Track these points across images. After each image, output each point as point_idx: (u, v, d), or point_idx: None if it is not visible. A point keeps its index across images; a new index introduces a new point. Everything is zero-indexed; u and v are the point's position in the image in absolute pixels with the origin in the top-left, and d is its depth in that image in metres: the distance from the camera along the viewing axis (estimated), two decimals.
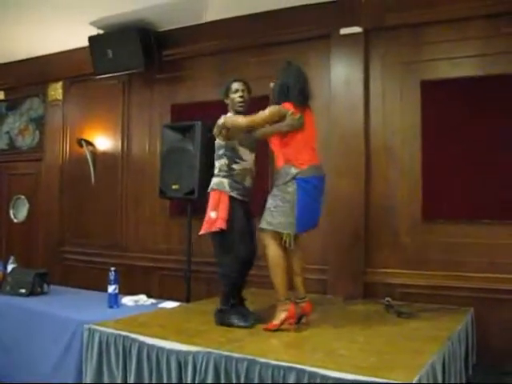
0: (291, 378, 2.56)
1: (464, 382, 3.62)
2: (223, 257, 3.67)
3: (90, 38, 5.84)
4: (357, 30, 4.83)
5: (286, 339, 3.20)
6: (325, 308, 4.19)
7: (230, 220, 3.58)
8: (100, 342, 3.31)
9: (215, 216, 3.59)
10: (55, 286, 5.14)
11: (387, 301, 4.18)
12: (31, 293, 4.74)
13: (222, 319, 3.57)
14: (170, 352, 2.98)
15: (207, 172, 5.09)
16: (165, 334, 3.22)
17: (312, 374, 2.51)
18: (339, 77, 4.90)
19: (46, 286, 4.91)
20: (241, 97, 3.85)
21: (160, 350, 3.02)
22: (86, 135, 6.52)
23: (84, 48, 5.97)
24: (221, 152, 3.76)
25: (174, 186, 5.16)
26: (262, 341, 3.11)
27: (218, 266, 3.73)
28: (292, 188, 3.42)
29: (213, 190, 3.71)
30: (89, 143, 6.46)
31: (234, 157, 3.73)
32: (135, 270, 5.94)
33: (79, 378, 3.57)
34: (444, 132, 4.53)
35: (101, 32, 5.85)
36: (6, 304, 4.58)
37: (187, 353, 2.91)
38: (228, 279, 3.65)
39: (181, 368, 2.92)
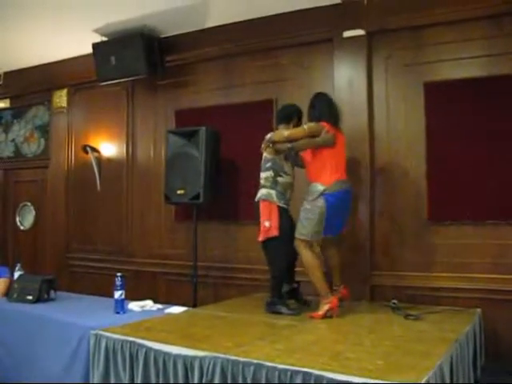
0: (298, 382, 2.54)
1: (472, 383, 3.60)
2: (274, 257, 4.19)
3: (94, 45, 5.87)
4: (360, 32, 4.83)
5: (292, 343, 3.19)
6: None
7: (281, 226, 4.11)
8: (107, 348, 3.31)
9: (269, 225, 4.11)
10: (62, 293, 5.15)
11: (394, 303, 4.17)
12: (38, 299, 4.75)
13: (273, 308, 4.10)
14: (176, 357, 2.97)
15: (212, 176, 5.15)
16: (171, 338, 3.22)
17: (318, 378, 2.50)
18: (342, 80, 4.90)
19: (52, 292, 4.92)
20: None
21: (167, 355, 3.02)
22: (90, 142, 6.55)
23: (88, 55, 6.00)
24: (268, 165, 4.21)
25: (179, 191, 5.19)
26: (268, 345, 3.10)
27: (270, 265, 4.23)
28: (320, 203, 3.93)
29: (262, 200, 4.18)
30: (94, 149, 6.48)
31: (279, 170, 4.20)
32: (141, 275, 5.95)
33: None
34: (449, 133, 4.52)
35: (104, 39, 5.88)
36: (14, 311, 4.59)
37: (194, 357, 2.90)
38: (278, 276, 4.19)
39: (187, 373, 2.91)
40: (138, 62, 5.66)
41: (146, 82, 6.02)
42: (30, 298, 4.74)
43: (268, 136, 4.16)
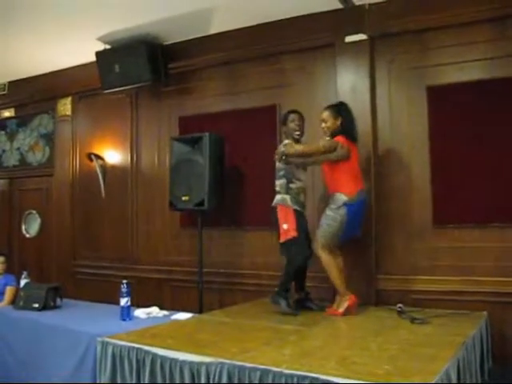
0: None
1: None
2: (292, 256, 4.37)
3: (97, 53, 5.89)
4: (362, 37, 4.84)
5: (298, 349, 3.19)
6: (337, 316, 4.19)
7: (298, 228, 4.34)
8: (113, 355, 3.31)
9: (287, 227, 4.35)
10: (68, 300, 5.17)
11: (399, 307, 4.17)
12: (44, 307, 4.77)
13: (274, 299, 4.35)
14: (183, 363, 2.97)
15: (216, 183, 5.16)
16: (178, 345, 3.22)
17: (325, 383, 2.50)
18: (346, 84, 4.90)
19: (58, 300, 4.94)
20: (297, 125, 4.54)
21: (173, 361, 3.02)
22: (95, 149, 6.57)
23: (91, 63, 6.02)
24: (281, 173, 4.46)
25: (183, 198, 5.20)
26: (275, 350, 3.10)
27: (287, 264, 4.42)
28: (343, 212, 4.17)
29: (278, 204, 4.43)
30: (98, 157, 6.50)
31: (291, 177, 4.43)
32: (147, 282, 5.95)
33: None
34: (452, 137, 4.52)
35: (108, 47, 5.90)
36: (20, 319, 4.61)
37: (200, 364, 2.91)
38: (292, 273, 4.40)
39: (194, 379, 2.91)
40: (141, 69, 5.68)
41: (149, 89, 6.04)
42: (36, 305, 4.76)
43: (281, 149, 4.34)
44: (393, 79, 4.83)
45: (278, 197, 4.46)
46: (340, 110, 4.37)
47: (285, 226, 4.36)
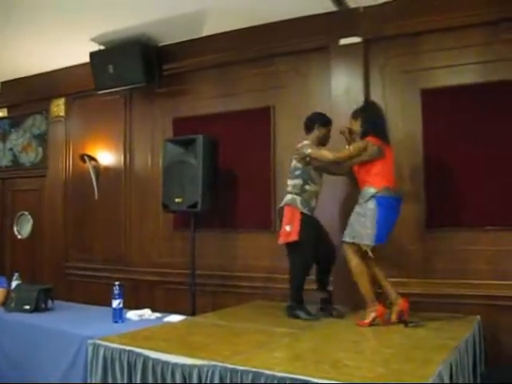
0: None
1: None
2: (293, 263, 4.26)
3: (91, 54, 5.87)
4: (356, 40, 4.84)
5: (290, 352, 3.18)
6: (330, 318, 4.20)
7: (301, 232, 4.16)
8: (105, 357, 3.29)
9: (290, 229, 4.18)
10: (60, 302, 5.12)
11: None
12: (36, 309, 4.73)
13: (292, 313, 4.19)
14: (174, 366, 2.96)
15: (210, 185, 5.14)
16: (170, 347, 3.21)
17: None
18: (339, 87, 4.91)
19: (50, 301, 4.90)
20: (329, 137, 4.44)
21: (165, 363, 3.00)
22: (88, 150, 6.54)
23: (85, 64, 6.00)
24: (297, 173, 4.29)
25: (177, 200, 5.18)
26: (267, 353, 3.09)
27: (289, 270, 4.29)
28: (372, 205, 3.93)
29: (286, 205, 4.26)
30: (92, 158, 6.48)
31: (307, 179, 4.27)
32: (140, 284, 5.93)
33: None
34: (445, 140, 4.53)
35: (102, 48, 5.88)
36: (11, 320, 4.57)
37: (192, 366, 2.89)
38: (294, 282, 4.24)
39: (186, 381, 2.90)
40: (135, 70, 5.66)
41: (143, 90, 6.02)
42: (28, 307, 4.72)
43: (307, 151, 4.18)
44: (387, 82, 4.83)
45: (288, 196, 4.29)
46: (360, 110, 4.25)
47: (288, 228, 4.19)
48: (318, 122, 4.38)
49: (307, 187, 4.25)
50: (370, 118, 4.15)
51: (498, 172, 4.32)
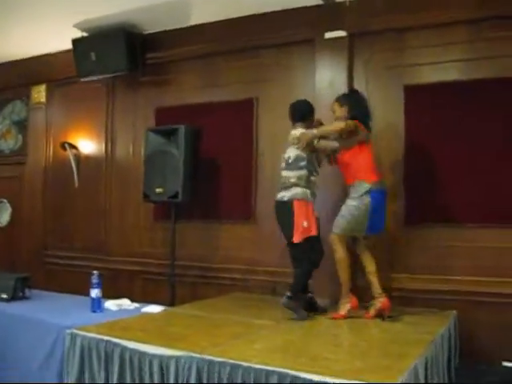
0: (273, 382, 2.54)
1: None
2: (302, 258, 4.07)
3: (74, 41, 5.80)
4: (341, 34, 4.84)
5: (269, 344, 3.19)
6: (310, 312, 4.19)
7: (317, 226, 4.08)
8: (82, 347, 3.27)
9: (307, 225, 4.00)
10: (38, 291, 5.09)
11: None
12: (13, 298, 4.69)
13: (289, 304, 3.95)
14: (152, 356, 2.95)
15: (191, 175, 5.13)
16: (147, 338, 3.19)
17: (295, 378, 2.50)
18: (324, 81, 4.91)
19: (27, 290, 4.86)
20: None
21: (142, 354, 2.99)
22: (69, 138, 6.48)
23: (68, 51, 5.93)
24: (302, 164, 4.06)
25: (157, 190, 5.16)
26: (246, 345, 3.09)
27: (299, 264, 4.10)
28: (367, 200, 3.95)
29: (297, 199, 4.02)
30: (72, 146, 6.41)
31: (312, 170, 4.12)
32: (119, 273, 5.90)
33: (62, 382, 3.53)
34: (427, 136, 4.56)
35: (85, 34, 5.81)
36: None
37: (170, 357, 2.89)
38: (304, 276, 4.10)
39: (163, 372, 2.89)
40: (118, 58, 5.61)
41: (126, 79, 5.97)
42: (5, 296, 4.68)
43: (313, 132, 4.05)
44: (370, 77, 4.84)
45: (297, 190, 4.03)
46: (346, 97, 4.23)
47: (305, 224, 3.98)
48: (312, 111, 4.27)
49: (312, 178, 4.12)
50: (358, 106, 4.16)
51: (479, 169, 4.35)
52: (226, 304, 4.58)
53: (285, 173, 4.11)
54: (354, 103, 4.16)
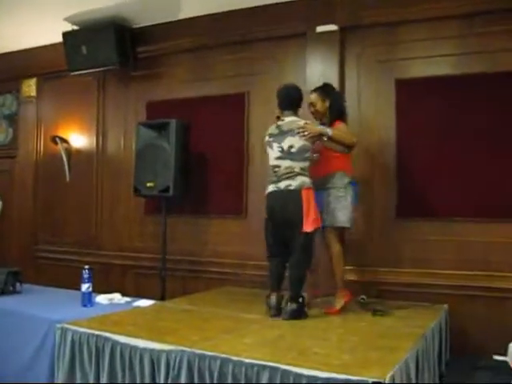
0: (264, 377, 2.54)
1: (437, 377, 3.65)
2: (310, 252, 3.82)
3: (64, 34, 5.77)
4: (333, 27, 4.84)
5: (260, 338, 3.19)
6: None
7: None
8: (72, 342, 3.26)
9: (317, 215, 3.81)
10: (28, 285, 5.07)
11: (362, 298, 4.21)
12: (3, 292, 4.67)
13: (296, 313, 3.67)
14: (143, 351, 2.94)
15: (182, 170, 5.12)
16: (138, 332, 3.18)
17: (285, 372, 2.50)
18: (315, 75, 4.88)
19: (18, 284, 4.84)
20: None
21: (133, 348, 2.99)
22: (60, 132, 6.45)
23: (58, 44, 5.90)
24: (306, 155, 3.90)
25: (148, 184, 5.15)
26: (236, 339, 3.09)
27: (304, 260, 3.80)
28: (350, 191, 4.01)
29: (306, 188, 3.81)
30: (63, 140, 6.38)
31: (311, 161, 3.96)
32: (110, 268, 5.89)
33: (52, 377, 3.51)
34: (418, 130, 4.57)
35: (75, 28, 5.78)
36: None
37: (160, 351, 2.88)
38: (305, 275, 3.82)
39: (154, 366, 2.89)
40: (109, 52, 5.58)
41: (117, 72, 5.95)
42: None
43: (329, 131, 3.90)
44: (362, 71, 4.84)
45: (302, 179, 3.81)
46: (327, 92, 4.19)
47: (315, 214, 3.79)
48: (302, 99, 4.08)
49: (309, 168, 3.95)
50: (339, 102, 4.19)
51: (469, 163, 4.37)
52: (217, 298, 4.58)
53: (287, 162, 3.84)
54: (336, 99, 4.19)
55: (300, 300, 3.72)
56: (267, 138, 4.02)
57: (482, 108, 4.35)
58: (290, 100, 4.01)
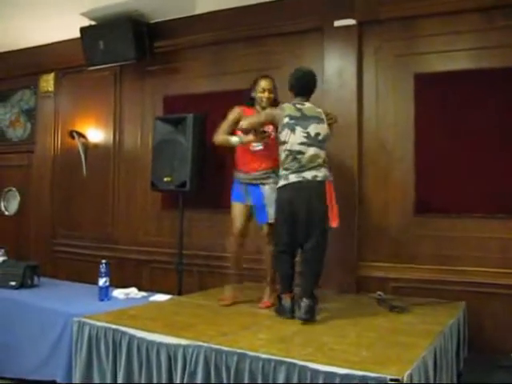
0: (281, 372, 2.54)
1: (455, 375, 3.62)
2: (325, 251, 3.64)
3: (82, 29, 5.78)
4: (351, 22, 4.79)
5: (276, 334, 3.18)
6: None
7: None
8: (90, 335, 3.28)
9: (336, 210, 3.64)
10: (46, 279, 5.12)
11: (379, 295, 4.18)
12: (21, 285, 4.72)
13: (314, 312, 3.48)
14: (160, 345, 2.96)
15: (199, 164, 5.12)
16: (155, 327, 3.20)
17: (302, 368, 2.49)
18: (332, 69, 4.86)
19: (36, 278, 4.89)
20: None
21: (150, 343, 3.00)
22: (77, 127, 6.47)
23: (76, 39, 5.91)
24: (326, 145, 3.72)
25: (165, 179, 5.16)
26: (252, 335, 3.09)
27: (322, 254, 3.63)
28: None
29: (329, 180, 3.66)
30: (80, 135, 6.41)
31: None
32: (126, 262, 5.91)
33: (69, 371, 3.55)
34: (437, 125, 4.52)
35: (92, 23, 5.79)
36: None
37: (177, 346, 2.89)
38: (322, 271, 3.64)
39: (171, 361, 2.91)
40: (126, 47, 5.58)
41: (134, 67, 5.95)
42: (14, 283, 4.71)
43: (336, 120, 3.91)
44: (380, 65, 4.80)
45: (324, 170, 3.63)
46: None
47: (337, 209, 3.65)
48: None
49: None
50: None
51: (489, 159, 4.31)
52: None
53: (312, 150, 3.61)
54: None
55: (315, 298, 3.50)
56: (287, 120, 3.69)
57: (503, 102, 4.28)
58: (311, 88, 3.90)
